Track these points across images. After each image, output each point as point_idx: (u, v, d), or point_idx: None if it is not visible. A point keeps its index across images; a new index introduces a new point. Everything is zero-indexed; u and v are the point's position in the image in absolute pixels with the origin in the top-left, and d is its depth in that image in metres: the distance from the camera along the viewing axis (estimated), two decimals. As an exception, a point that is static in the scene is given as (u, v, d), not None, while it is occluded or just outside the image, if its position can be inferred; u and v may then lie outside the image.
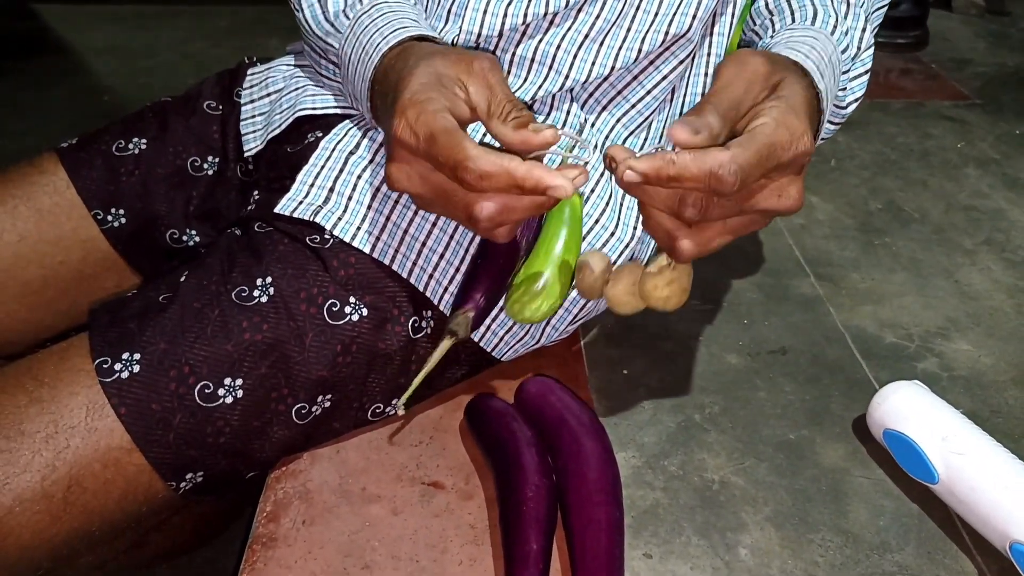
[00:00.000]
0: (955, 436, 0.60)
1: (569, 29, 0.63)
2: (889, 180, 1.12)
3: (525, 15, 0.62)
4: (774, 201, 0.47)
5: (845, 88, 0.65)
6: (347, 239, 0.61)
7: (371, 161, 0.64)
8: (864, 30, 0.64)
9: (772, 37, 0.61)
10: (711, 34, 0.69)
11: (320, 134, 0.66)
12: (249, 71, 0.77)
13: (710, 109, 0.46)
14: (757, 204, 0.47)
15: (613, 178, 0.63)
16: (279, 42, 2.12)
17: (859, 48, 0.64)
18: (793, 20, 0.62)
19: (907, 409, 0.63)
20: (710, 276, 0.87)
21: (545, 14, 0.62)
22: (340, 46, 0.58)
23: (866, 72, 0.66)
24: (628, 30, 0.64)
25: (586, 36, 0.63)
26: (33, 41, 2.30)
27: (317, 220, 0.61)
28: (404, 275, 0.62)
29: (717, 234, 0.48)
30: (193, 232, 0.77)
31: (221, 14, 2.42)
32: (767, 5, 0.67)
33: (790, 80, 0.49)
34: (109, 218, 0.74)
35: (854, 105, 0.68)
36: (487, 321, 0.65)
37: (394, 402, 0.59)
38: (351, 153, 0.64)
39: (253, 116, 0.73)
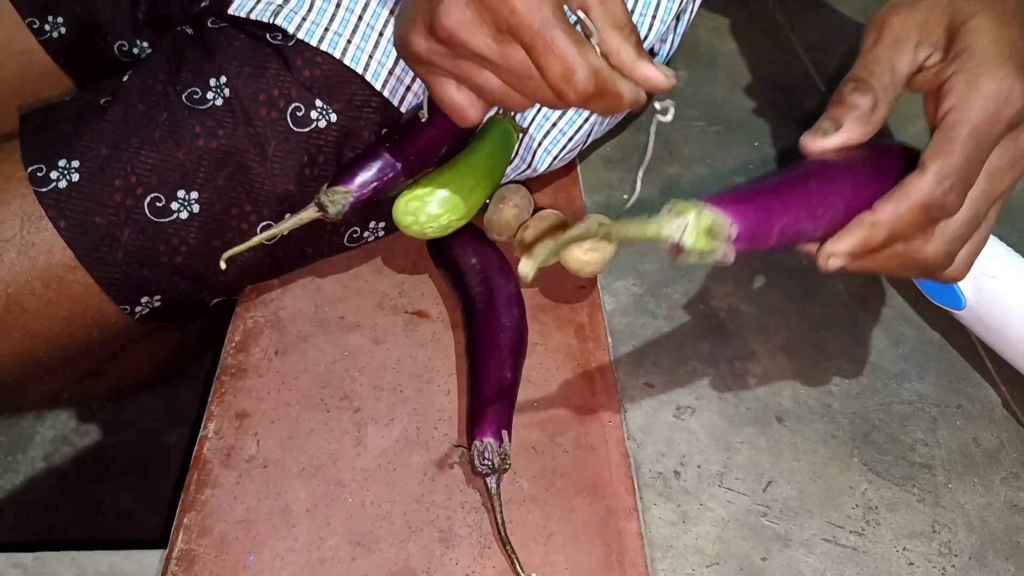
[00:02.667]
0: (986, 258, 0.55)
1: None
2: (912, -2, 1.03)
3: None
4: (1013, 171, 0.41)
5: None
6: (313, 43, 0.54)
7: (338, -53, 0.55)
8: None
9: None
10: None
11: (280, -83, 0.57)
12: None
13: (845, 94, 0.42)
14: (1002, 185, 0.42)
15: None
16: None
17: None
18: None
19: (934, 230, 0.57)
20: (718, 95, 0.79)
21: None
22: None
23: None
24: None
25: None
26: None
27: (277, 22, 0.54)
28: (378, 86, 0.55)
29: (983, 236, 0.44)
30: (144, 44, 0.68)
31: None
32: None
33: (971, 25, 0.41)
34: (47, 27, 0.66)
35: None
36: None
37: (222, 259, 0.49)
38: (315, -62, 0.55)
39: None
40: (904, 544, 0.46)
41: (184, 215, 0.52)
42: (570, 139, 0.62)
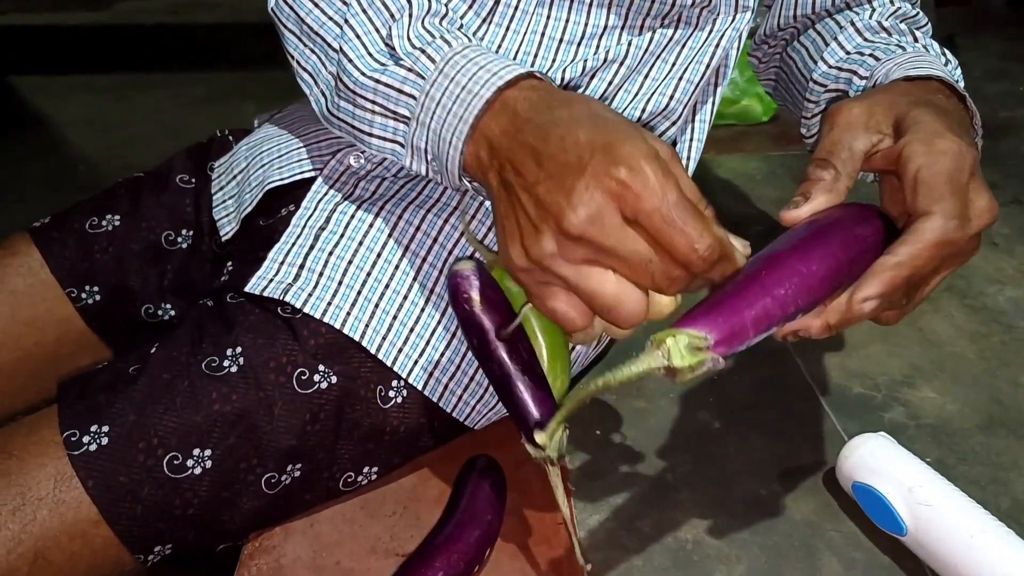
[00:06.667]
0: (921, 487, 0.61)
1: None
2: (852, 231, 1.15)
3: None
4: (976, 221, 0.48)
5: None
6: (317, 316, 0.62)
7: (342, 236, 0.65)
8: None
9: (877, 72, 0.62)
10: (693, 120, 0.71)
11: (292, 207, 0.68)
12: (216, 163, 0.78)
13: (811, 171, 0.50)
14: (982, 218, 0.48)
15: None
16: (256, 108, 2.15)
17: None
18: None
19: (873, 462, 0.64)
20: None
21: None
22: (424, 91, 0.52)
23: None
24: (610, 103, 0.66)
25: None
26: (9, 114, 2.32)
27: (287, 299, 0.62)
28: (373, 350, 0.63)
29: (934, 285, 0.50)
30: (168, 306, 0.78)
31: (197, 82, 2.45)
32: (834, 67, 0.68)
33: (914, 112, 0.50)
34: (83, 296, 0.75)
35: None
36: (458, 391, 0.66)
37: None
38: (321, 229, 0.65)
39: (224, 201, 0.75)
40: None
41: (198, 471, 0.59)
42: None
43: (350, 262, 0.64)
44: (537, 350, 0.58)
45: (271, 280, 0.64)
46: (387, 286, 0.64)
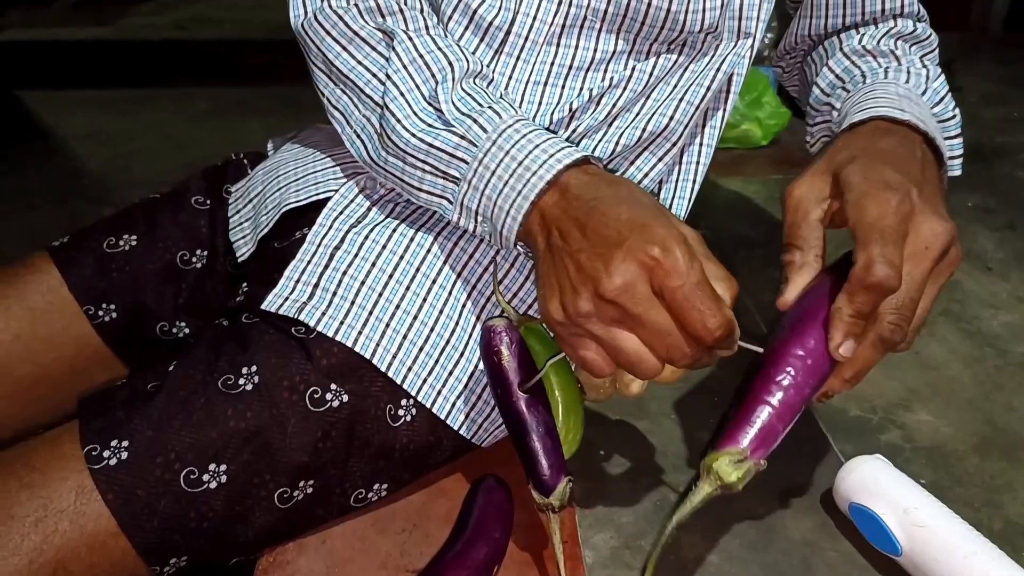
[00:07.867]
0: (916, 509, 0.63)
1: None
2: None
3: None
4: (928, 252, 0.51)
5: None
6: (330, 334, 0.64)
7: (356, 256, 0.67)
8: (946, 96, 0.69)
9: (844, 107, 0.66)
10: (704, 125, 0.74)
11: (307, 230, 0.69)
12: (233, 187, 0.81)
13: (783, 257, 0.55)
14: (923, 265, 0.51)
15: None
16: (259, 123, 2.18)
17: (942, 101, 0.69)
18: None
19: (869, 483, 0.65)
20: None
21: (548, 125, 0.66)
22: (476, 158, 0.57)
23: (955, 136, 0.70)
24: (610, 126, 0.68)
25: (574, 132, 0.67)
26: (15, 127, 2.34)
27: (301, 317, 0.64)
28: (383, 369, 0.65)
29: (917, 322, 0.53)
30: (182, 324, 0.79)
31: (201, 97, 2.48)
32: (824, 92, 0.72)
33: (847, 169, 0.53)
34: (100, 313, 0.77)
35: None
36: (466, 409, 0.68)
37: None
38: (336, 248, 0.67)
39: (241, 223, 0.77)
40: None
41: (214, 485, 0.60)
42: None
43: (363, 282, 0.66)
44: (553, 405, 0.64)
45: (286, 298, 0.66)
46: (398, 306, 0.66)
